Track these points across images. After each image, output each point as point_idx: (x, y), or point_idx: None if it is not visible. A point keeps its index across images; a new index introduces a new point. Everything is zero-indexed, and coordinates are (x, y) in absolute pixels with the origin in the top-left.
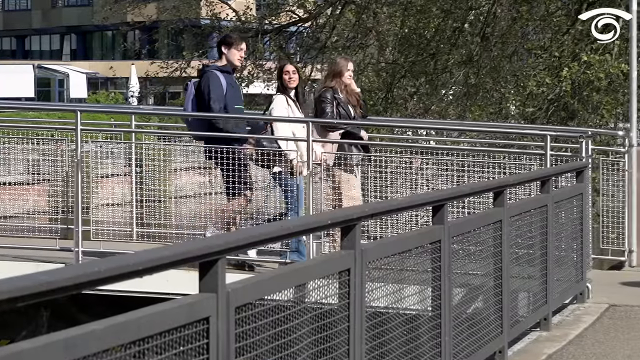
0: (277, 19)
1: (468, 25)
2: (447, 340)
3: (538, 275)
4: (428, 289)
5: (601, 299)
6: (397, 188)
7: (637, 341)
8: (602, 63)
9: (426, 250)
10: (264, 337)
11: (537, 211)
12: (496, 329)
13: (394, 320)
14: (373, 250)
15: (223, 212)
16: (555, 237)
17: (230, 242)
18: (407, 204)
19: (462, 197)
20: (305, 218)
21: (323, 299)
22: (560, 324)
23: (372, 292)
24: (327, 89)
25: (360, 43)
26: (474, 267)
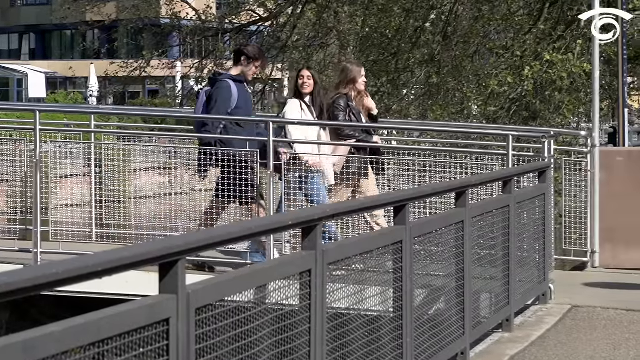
0: (238, 18)
1: (429, 24)
2: (408, 341)
3: (500, 276)
4: (390, 290)
5: (564, 300)
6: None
7: (600, 342)
8: (565, 62)
9: (388, 251)
10: (224, 339)
11: (499, 212)
12: (458, 330)
13: (355, 322)
14: (334, 251)
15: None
16: (517, 238)
17: (191, 242)
18: (368, 204)
19: (424, 198)
20: (266, 219)
21: (284, 300)
22: (523, 325)
23: (334, 293)
24: (341, 95)
25: (321, 42)
26: (436, 268)
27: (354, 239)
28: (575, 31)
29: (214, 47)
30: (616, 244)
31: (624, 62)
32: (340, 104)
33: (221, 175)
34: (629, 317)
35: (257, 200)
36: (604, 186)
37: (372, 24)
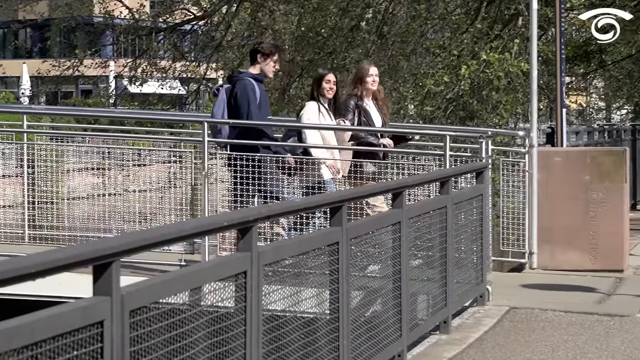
0: (172, 16)
1: (365, 23)
2: (345, 343)
3: (437, 278)
4: (326, 292)
5: (501, 301)
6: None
7: (538, 344)
8: (502, 62)
9: (324, 253)
10: (159, 341)
11: (436, 212)
12: (395, 332)
13: (291, 324)
14: (270, 253)
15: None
16: (454, 239)
17: (124, 244)
18: (304, 205)
19: (361, 198)
20: (201, 220)
21: (219, 302)
22: (460, 327)
23: (269, 295)
24: (351, 96)
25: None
26: (373, 269)
27: (290, 240)
28: (512, 30)
29: (148, 46)
30: (554, 245)
31: (561, 62)
32: (349, 105)
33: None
34: (567, 318)
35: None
36: (541, 187)
37: (307, 22)
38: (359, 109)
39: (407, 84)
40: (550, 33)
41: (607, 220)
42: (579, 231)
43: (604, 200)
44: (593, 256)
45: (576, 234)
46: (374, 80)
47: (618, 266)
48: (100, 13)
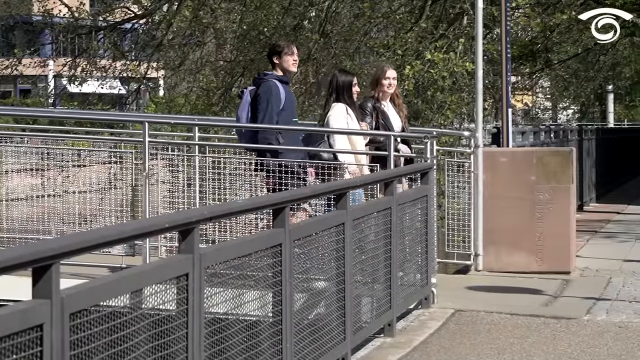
0: (112, 15)
1: (308, 22)
2: (288, 347)
3: (382, 280)
4: (269, 294)
5: (447, 304)
6: (236, 190)
7: (484, 347)
8: (446, 62)
9: (267, 255)
10: (100, 345)
11: (380, 214)
12: (339, 335)
13: (233, 327)
14: (212, 255)
15: None
16: (399, 241)
17: (64, 246)
18: (247, 206)
19: (303, 200)
20: (142, 221)
21: (161, 305)
22: (405, 330)
23: (211, 297)
24: (368, 98)
25: (198, 41)
26: (317, 271)
27: (232, 242)
28: (457, 30)
29: (88, 45)
30: (500, 246)
31: (507, 61)
32: (366, 107)
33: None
34: (513, 321)
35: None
36: (487, 187)
37: (249, 21)
38: (377, 111)
39: None
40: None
41: (553, 221)
42: (525, 232)
43: (551, 201)
44: (539, 258)
45: (522, 235)
46: (390, 83)
47: (565, 268)
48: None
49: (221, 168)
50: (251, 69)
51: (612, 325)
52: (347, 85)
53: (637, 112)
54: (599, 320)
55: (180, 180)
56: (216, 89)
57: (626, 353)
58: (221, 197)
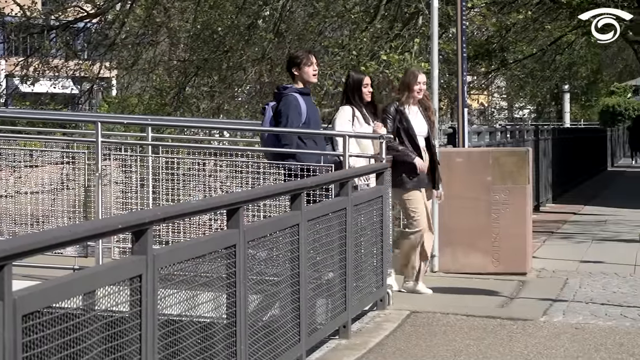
0: (64, 14)
1: (262, 21)
2: (242, 349)
3: (337, 281)
4: (223, 296)
5: (402, 305)
6: (190, 191)
7: (440, 349)
8: (402, 62)
9: (221, 256)
10: (52, 347)
11: (335, 215)
12: (294, 336)
13: (187, 329)
14: (165, 256)
15: None
16: (354, 242)
17: (16, 247)
18: (201, 207)
19: (258, 200)
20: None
21: (114, 307)
22: (360, 332)
23: (165, 299)
24: (393, 101)
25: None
26: (271, 272)
27: (185, 243)
28: (412, 29)
29: (40, 44)
30: (456, 247)
31: (463, 61)
32: (389, 111)
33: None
34: (469, 322)
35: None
36: (443, 188)
37: (203, 20)
38: (400, 116)
39: None
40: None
41: (509, 222)
42: (482, 233)
43: (507, 202)
44: (496, 259)
45: (478, 236)
46: (420, 88)
47: (521, 269)
48: None
49: (175, 168)
50: (205, 69)
51: (569, 326)
52: (356, 85)
53: (593, 111)
54: (556, 322)
55: (133, 180)
56: (169, 89)
57: (583, 355)
58: (175, 198)
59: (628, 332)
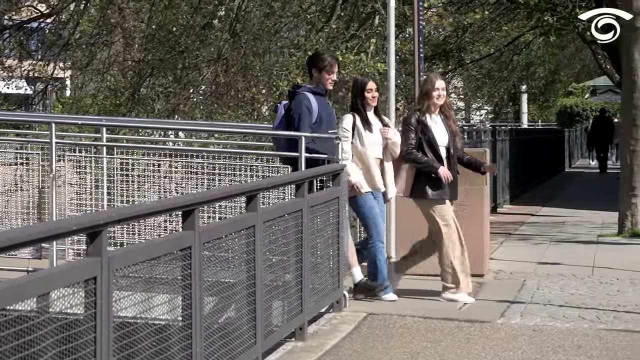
0: (18, 14)
1: (217, 21)
2: (198, 351)
3: (293, 283)
4: (178, 298)
5: (359, 307)
6: (145, 192)
7: (397, 351)
8: (357, 63)
9: (176, 258)
10: (5, 350)
11: (291, 216)
12: (250, 339)
13: (143, 331)
14: (120, 257)
15: None
16: (311, 243)
17: None
18: (156, 208)
19: (214, 202)
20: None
21: (68, 309)
22: (317, 334)
23: (120, 301)
24: (414, 111)
25: (105, 40)
26: (227, 274)
27: (141, 245)
28: (369, 29)
29: None
30: None
31: (420, 61)
32: (410, 122)
33: None
34: (426, 324)
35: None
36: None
37: (158, 20)
38: (422, 127)
39: (261, 85)
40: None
41: (467, 223)
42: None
43: (464, 203)
44: None
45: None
46: (439, 94)
47: (478, 271)
48: None
49: (129, 169)
50: (160, 69)
51: (527, 328)
52: (359, 90)
53: (551, 112)
54: (513, 324)
55: (88, 182)
56: (124, 89)
57: (541, 357)
58: (130, 199)
59: (586, 334)
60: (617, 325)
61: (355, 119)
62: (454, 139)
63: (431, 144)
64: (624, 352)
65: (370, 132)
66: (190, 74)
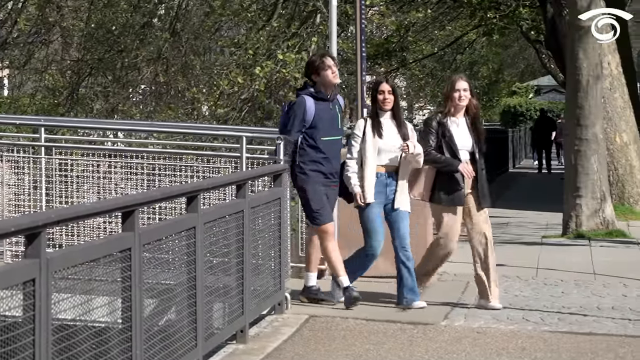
0: None
1: (157, 20)
2: (138, 353)
3: (234, 285)
4: (118, 300)
5: (301, 309)
6: (84, 193)
7: (339, 353)
8: (299, 62)
9: (116, 259)
10: None
11: (232, 217)
12: (190, 341)
13: (82, 333)
14: (59, 259)
15: None
16: (252, 245)
17: None
18: (95, 210)
19: (154, 203)
20: None
21: (6, 311)
22: (258, 336)
23: (59, 303)
24: (435, 114)
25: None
26: (167, 276)
27: (80, 246)
28: (310, 28)
29: None
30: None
31: (362, 60)
32: (430, 125)
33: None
34: (369, 327)
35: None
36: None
37: (97, 19)
38: (442, 129)
39: (201, 84)
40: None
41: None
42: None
43: None
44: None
45: None
46: (461, 95)
47: None
48: None
49: (68, 170)
50: (99, 69)
51: (470, 330)
52: (372, 92)
53: (495, 112)
54: (457, 326)
55: (26, 182)
56: (63, 89)
57: (485, 359)
58: (69, 200)
59: (530, 336)
60: (561, 327)
61: (366, 123)
62: (480, 141)
63: (450, 147)
64: (568, 354)
65: (380, 138)
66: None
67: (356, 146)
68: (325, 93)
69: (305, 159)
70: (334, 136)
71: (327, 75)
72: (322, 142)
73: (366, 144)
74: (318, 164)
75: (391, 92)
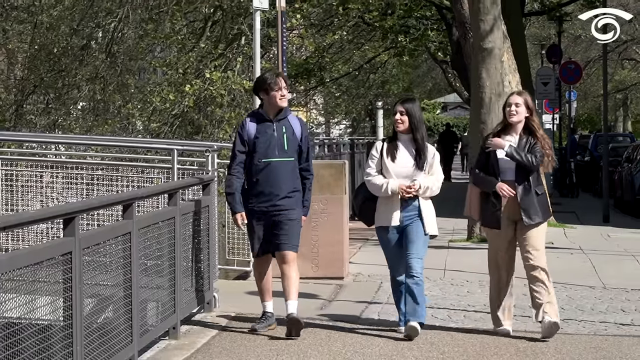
0: None
1: (95, 42)
2: (78, 349)
3: (167, 285)
4: (60, 300)
5: (228, 308)
6: (28, 202)
7: (263, 348)
8: (224, 80)
9: (58, 262)
10: None
11: (165, 223)
12: (126, 338)
13: (26, 331)
14: (5, 262)
15: None
16: (183, 248)
17: None
18: (39, 216)
19: (93, 210)
20: None
21: None
22: (189, 333)
23: (5, 303)
24: (493, 132)
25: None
26: (105, 278)
27: (24, 250)
28: (235, 49)
29: None
30: None
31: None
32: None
33: None
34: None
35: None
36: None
37: (40, 41)
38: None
39: (135, 101)
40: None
41: (328, 230)
42: (302, 240)
43: (325, 211)
44: (315, 264)
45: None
46: (511, 111)
47: (339, 274)
48: None
49: (14, 180)
50: (41, 87)
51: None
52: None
53: None
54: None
55: None
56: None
57: (397, 353)
58: (14, 208)
59: (438, 332)
60: (467, 324)
61: (383, 145)
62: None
63: (493, 167)
64: (473, 349)
65: (392, 162)
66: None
67: (373, 167)
68: (268, 114)
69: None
70: (277, 158)
71: (275, 96)
72: (260, 164)
73: (382, 165)
74: (253, 187)
75: (404, 113)
